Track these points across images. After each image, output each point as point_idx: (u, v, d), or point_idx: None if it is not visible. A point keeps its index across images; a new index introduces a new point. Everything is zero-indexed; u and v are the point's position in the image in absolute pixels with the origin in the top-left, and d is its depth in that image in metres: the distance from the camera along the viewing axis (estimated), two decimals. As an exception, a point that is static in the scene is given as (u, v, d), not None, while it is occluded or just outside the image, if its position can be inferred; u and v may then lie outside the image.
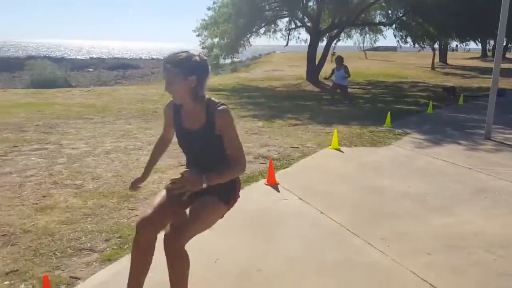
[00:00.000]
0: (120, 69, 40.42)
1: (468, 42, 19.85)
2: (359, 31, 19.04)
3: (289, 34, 18.04)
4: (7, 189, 4.13)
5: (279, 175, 4.76)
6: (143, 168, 2.59)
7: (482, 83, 18.08)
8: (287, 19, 17.62)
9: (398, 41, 16.79)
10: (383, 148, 6.31)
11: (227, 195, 2.24)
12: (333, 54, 41.57)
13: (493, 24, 12.86)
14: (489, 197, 4.17)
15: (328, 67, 27.02)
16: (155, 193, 4.00)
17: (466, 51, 51.92)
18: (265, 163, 5.28)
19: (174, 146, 2.54)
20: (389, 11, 16.25)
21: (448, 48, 39.11)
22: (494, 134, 7.22)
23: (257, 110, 10.10)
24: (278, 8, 15.90)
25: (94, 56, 66.55)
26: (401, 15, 15.94)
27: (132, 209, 3.62)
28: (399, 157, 5.76)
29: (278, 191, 4.29)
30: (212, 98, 2.20)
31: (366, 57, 42.89)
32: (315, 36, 16.94)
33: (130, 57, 67.81)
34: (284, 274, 2.75)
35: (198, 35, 16.72)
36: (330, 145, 6.22)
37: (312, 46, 17.11)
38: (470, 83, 18.20)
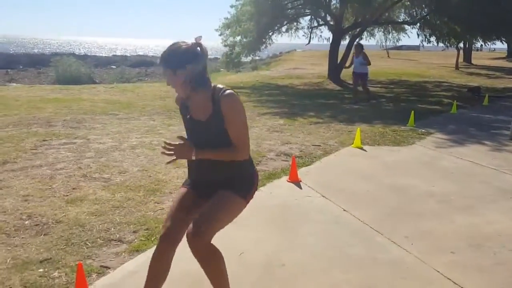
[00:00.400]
0: (143, 66, 40.92)
1: (494, 42, 19.31)
2: (382, 30, 18.79)
3: (311, 33, 17.96)
4: (39, 181, 4.29)
5: (301, 173, 4.80)
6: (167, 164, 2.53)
7: (508, 84, 17.68)
8: (309, 17, 17.52)
9: (421, 40, 16.52)
10: (407, 147, 6.27)
11: (244, 189, 2.17)
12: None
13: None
14: (516, 198, 4.11)
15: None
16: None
17: (491, 51, 50.70)
18: (287, 161, 5.33)
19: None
20: (413, 10, 16.00)
21: (473, 48, 38.29)
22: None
23: (278, 107, 10.12)
24: (300, 7, 15.82)
25: (118, 53, 67.53)
26: (425, 14, 15.66)
27: (158, 203, 3.72)
28: (423, 157, 5.71)
29: (301, 188, 4.33)
30: (218, 85, 2.11)
31: (388, 56, 42.35)
32: (338, 35, 16.83)
33: (152, 54, 68.55)
34: (308, 269, 2.79)
35: (220, 35, 16.83)
36: (352, 144, 6.22)
37: (334, 45, 17.00)
38: (495, 84, 17.79)
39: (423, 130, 7.42)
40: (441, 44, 17.11)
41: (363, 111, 9.85)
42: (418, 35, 16.30)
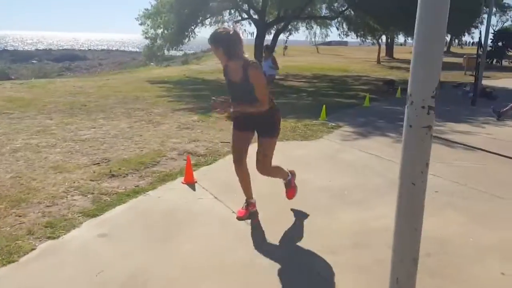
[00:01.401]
0: (67, 60, 38.68)
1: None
2: (305, 24, 19.07)
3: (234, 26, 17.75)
4: None
5: (200, 172, 4.56)
6: (49, 168, 3.17)
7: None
8: (233, 10, 17.31)
9: (339, 34, 16.97)
10: (314, 141, 6.25)
11: (275, 132, 3.40)
12: (286, 47, 41.82)
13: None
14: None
15: (281, 61, 27.06)
16: (53, 196, 3.68)
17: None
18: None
19: (91, 143, 2.24)
20: (333, 5, 16.36)
21: (396, 42, 40.29)
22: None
23: (197, 103, 9.80)
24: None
25: (41, 47, 63.09)
26: (344, 8, 16.09)
27: (20, 216, 3.27)
28: (327, 150, 5.71)
29: (194, 190, 4.08)
30: (247, 57, 3.13)
31: (318, 51, 43.49)
32: (262, 29, 16.80)
33: (80, 48, 64.85)
34: (177, 280, 2.54)
35: (141, 24, 16.12)
36: (260, 140, 6.08)
37: (259, 39, 16.96)
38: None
39: (333, 124, 7.49)
40: (361, 39, 17.72)
41: (281, 106, 9.81)
42: (337, 29, 16.70)
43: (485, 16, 12.95)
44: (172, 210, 3.58)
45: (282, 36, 24.74)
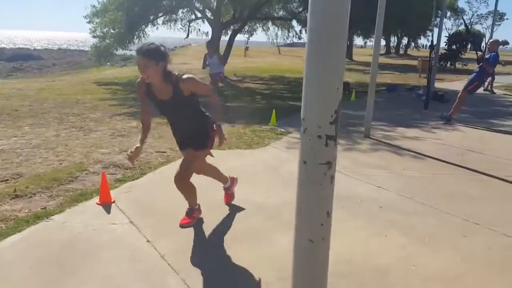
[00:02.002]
0: (20, 60, 36.50)
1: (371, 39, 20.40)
2: (261, 25, 18.71)
3: (189, 26, 17.19)
4: None
5: (121, 190, 4.03)
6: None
7: (379, 79, 18.80)
8: (186, 9, 16.71)
9: (292, 36, 16.75)
10: (258, 150, 5.84)
11: (201, 143, 3.24)
12: (246, 48, 41.38)
13: (393, 20, 13.20)
14: (347, 207, 3.81)
15: (237, 62, 26.41)
16: None
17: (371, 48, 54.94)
18: (114, 174, 4.52)
19: (6, 155, 1.67)
20: (289, 6, 16.08)
21: (355, 45, 40.74)
22: (374, 131, 7.17)
23: (139, 107, 9.19)
24: None
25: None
26: (301, 9, 15.84)
27: None
28: (271, 160, 5.31)
29: (109, 213, 3.55)
30: (172, 72, 2.92)
31: (279, 52, 43.41)
32: (217, 29, 16.29)
33: (37, 47, 61.57)
34: None
35: (88, 22, 15.22)
36: (200, 149, 5.60)
37: (214, 40, 16.43)
38: (367, 79, 18.84)
39: (282, 130, 7.12)
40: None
41: (231, 109, 9.38)
42: (288, 31, 16.44)
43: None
44: (75, 240, 3.04)
45: (242, 37, 24.38)
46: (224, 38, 17.43)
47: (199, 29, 17.68)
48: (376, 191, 4.30)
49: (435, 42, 10.88)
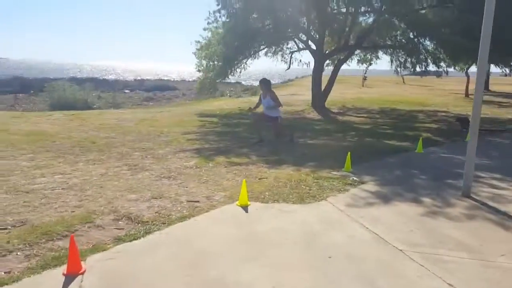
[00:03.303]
0: (157, 90, 40.22)
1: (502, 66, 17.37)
2: (368, 54, 17.21)
3: (291, 57, 16.66)
4: None
5: (104, 256, 3.36)
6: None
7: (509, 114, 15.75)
8: (288, 41, 16.22)
9: (396, 66, 14.94)
10: (308, 206, 4.72)
11: None
12: (365, 78, 39.73)
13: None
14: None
15: (349, 93, 25.03)
16: None
17: (515, 75, 47.90)
18: (122, 229, 3.92)
19: (31, 196, 1.23)
20: (397, 34, 14.43)
21: (494, 73, 36.10)
22: (480, 187, 5.48)
23: (215, 143, 8.75)
24: (272, 31, 14.37)
25: (139, 78, 67.16)
26: (412, 37, 14.07)
27: None
28: (315, 224, 4.16)
29: (70, 289, 2.88)
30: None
31: (404, 82, 40.56)
32: (320, 60, 15.44)
33: (176, 79, 67.50)
34: None
35: (197, 57, 15.71)
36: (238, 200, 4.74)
37: (317, 70, 15.62)
38: (501, 114, 15.89)
39: (355, 178, 5.86)
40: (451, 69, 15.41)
41: (309, 148, 8.33)
42: (391, 60, 14.71)
43: None
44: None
45: (361, 66, 22.99)
46: (328, 68, 16.47)
47: (300, 60, 16.98)
48: None
49: None
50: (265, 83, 8.77)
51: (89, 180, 5.48)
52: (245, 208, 4.59)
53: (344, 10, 14.72)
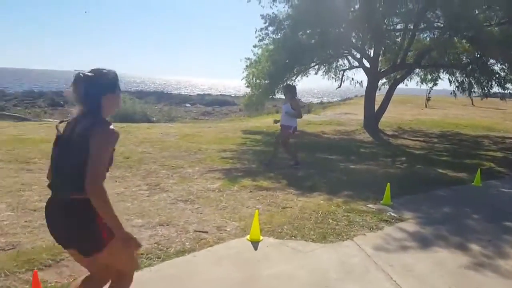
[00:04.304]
0: (217, 105, 40.80)
1: None
2: (427, 73, 15.97)
3: (342, 75, 15.90)
4: None
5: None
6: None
7: None
8: (338, 57, 15.51)
9: (455, 87, 13.65)
10: (329, 246, 4.09)
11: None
12: (428, 98, 37.60)
13: None
14: None
15: (408, 114, 23.53)
16: None
17: None
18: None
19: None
20: (459, 52, 13.18)
21: None
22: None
23: (250, 162, 8.31)
24: (323, 48, 13.70)
25: (201, 92, 68.82)
26: (477, 56, 12.79)
27: None
28: (332, 272, 3.53)
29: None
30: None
31: (472, 103, 37.90)
32: (374, 78, 14.57)
33: (236, 94, 68.23)
34: None
35: (246, 74, 15.48)
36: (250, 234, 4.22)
37: (371, 89, 14.75)
38: None
39: (392, 214, 5.11)
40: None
41: (351, 173, 7.61)
42: (450, 82, 13.42)
43: None
44: None
45: (424, 86, 21.63)
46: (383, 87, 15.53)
47: (352, 78, 16.15)
48: None
49: None
50: (290, 90, 8.08)
51: (102, 199, 5.22)
52: (255, 244, 4.06)
53: (401, 26, 13.82)
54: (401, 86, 15.96)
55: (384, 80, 15.55)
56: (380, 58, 14.37)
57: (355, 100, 43.92)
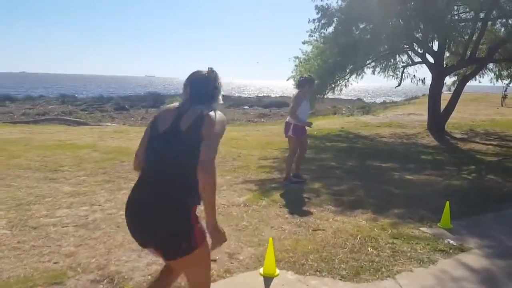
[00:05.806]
0: (274, 107, 40.45)
1: None
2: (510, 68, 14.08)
3: (402, 72, 14.48)
4: None
5: None
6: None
7: None
8: (397, 53, 14.14)
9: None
10: (366, 286, 3.21)
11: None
12: (504, 96, 34.14)
13: None
14: None
15: (481, 113, 21.31)
16: None
17: None
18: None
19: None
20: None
21: None
22: None
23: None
24: (381, 42, 12.47)
25: (261, 94, 68.80)
26: None
27: None
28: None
29: None
30: None
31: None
32: (439, 74, 13.09)
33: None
34: None
35: (296, 74, 14.67)
36: (263, 266, 3.45)
37: (435, 87, 13.28)
38: None
39: (451, 242, 4.09)
40: None
41: (405, 186, 6.53)
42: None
43: None
44: None
45: (499, 83, 19.47)
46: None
47: (414, 75, 14.65)
48: None
49: None
50: (309, 84, 6.63)
51: (111, 216, 4.70)
52: (268, 280, 3.29)
53: (470, 16, 12.25)
54: (474, 83, 14.29)
55: (452, 77, 13.94)
56: (446, 53, 12.86)
57: (421, 99, 41.26)
